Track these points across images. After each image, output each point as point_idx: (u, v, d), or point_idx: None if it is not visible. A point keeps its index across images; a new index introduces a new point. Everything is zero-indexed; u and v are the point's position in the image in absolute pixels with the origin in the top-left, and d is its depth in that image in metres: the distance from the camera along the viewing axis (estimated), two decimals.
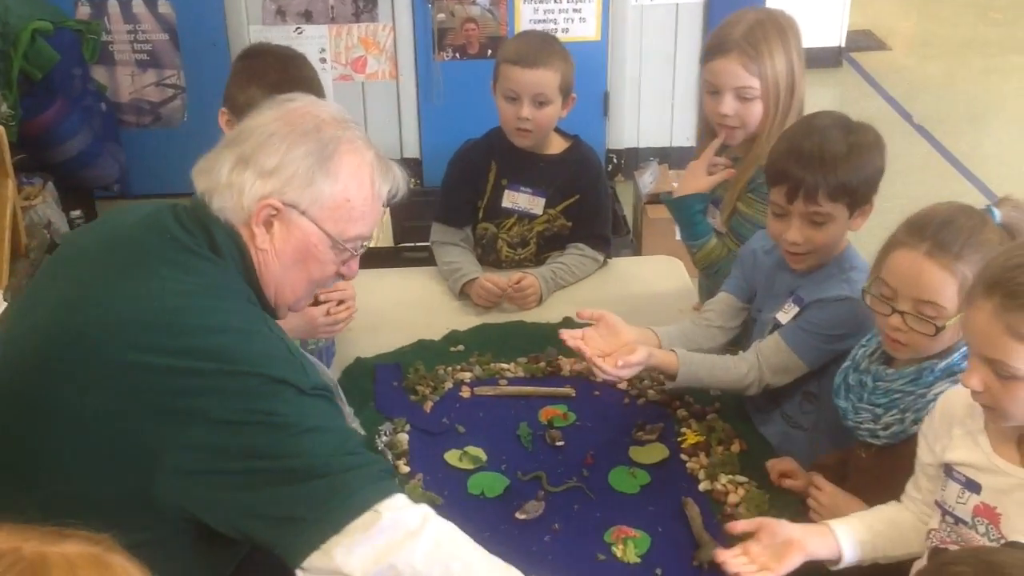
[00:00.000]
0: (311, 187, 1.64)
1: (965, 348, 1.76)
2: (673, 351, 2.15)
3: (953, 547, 1.61)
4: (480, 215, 2.85)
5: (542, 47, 2.70)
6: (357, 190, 1.68)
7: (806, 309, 2.14)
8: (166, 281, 1.56)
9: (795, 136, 2.14)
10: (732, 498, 1.99)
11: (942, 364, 1.81)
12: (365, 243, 1.77)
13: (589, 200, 2.83)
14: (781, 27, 2.42)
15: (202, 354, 1.49)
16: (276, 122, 1.65)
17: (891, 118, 6.24)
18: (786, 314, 2.18)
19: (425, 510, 1.56)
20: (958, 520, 1.61)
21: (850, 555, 1.73)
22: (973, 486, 1.60)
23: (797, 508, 1.95)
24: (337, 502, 1.47)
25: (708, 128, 2.58)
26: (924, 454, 1.73)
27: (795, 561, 1.70)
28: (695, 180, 2.55)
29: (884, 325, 1.82)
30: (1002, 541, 1.54)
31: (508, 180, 2.81)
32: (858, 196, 2.06)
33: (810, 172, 2.04)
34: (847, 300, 2.07)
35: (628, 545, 1.87)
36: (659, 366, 2.13)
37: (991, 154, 5.92)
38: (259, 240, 1.64)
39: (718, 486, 2.02)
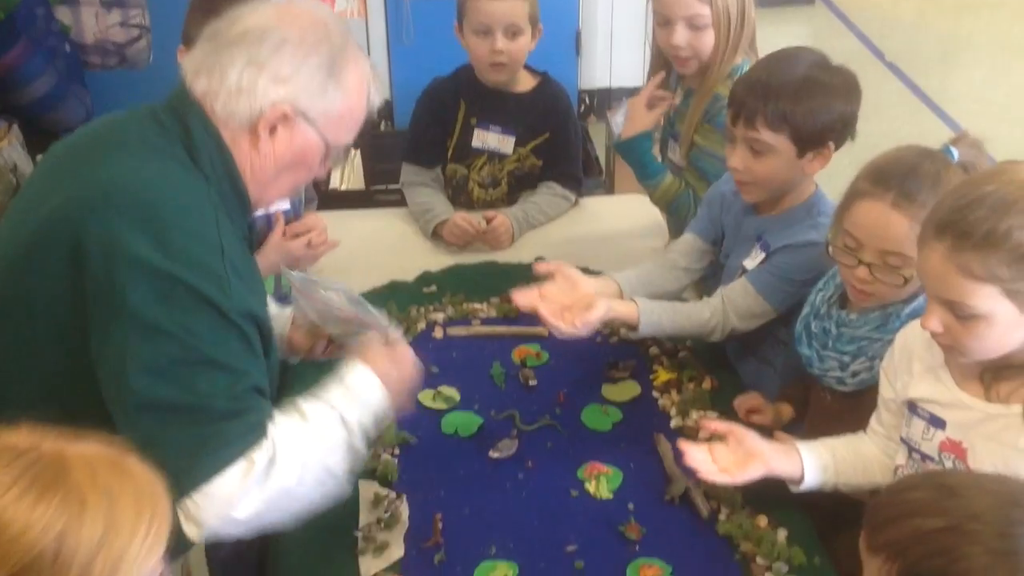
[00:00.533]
0: (323, 97, 1.64)
1: (919, 296, 1.79)
2: (633, 301, 2.11)
3: None
4: (449, 155, 2.84)
5: None
6: (358, 101, 1.71)
7: (774, 254, 2.13)
8: (130, 169, 1.56)
9: (758, 64, 2.15)
10: (703, 434, 2.00)
11: (907, 309, 1.81)
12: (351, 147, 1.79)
13: (559, 138, 2.82)
14: None
15: (147, 238, 1.48)
16: (287, 27, 1.62)
17: (863, 56, 6.24)
18: (752, 260, 2.17)
19: (272, 435, 1.53)
20: (925, 457, 1.62)
21: (812, 478, 1.75)
22: (937, 422, 1.60)
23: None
24: (211, 452, 1.47)
25: (658, 62, 2.58)
26: (885, 390, 1.74)
27: (755, 472, 1.72)
28: (638, 119, 2.55)
29: (851, 277, 1.81)
30: None
31: (477, 119, 2.79)
32: (806, 134, 2.02)
33: (752, 97, 2.04)
34: (815, 245, 2.04)
35: (600, 481, 1.89)
36: (619, 318, 2.08)
37: (962, 91, 5.94)
38: (262, 143, 1.63)
39: (689, 422, 2.04)
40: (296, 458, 1.53)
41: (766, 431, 1.90)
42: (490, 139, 2.79)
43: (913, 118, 5.54)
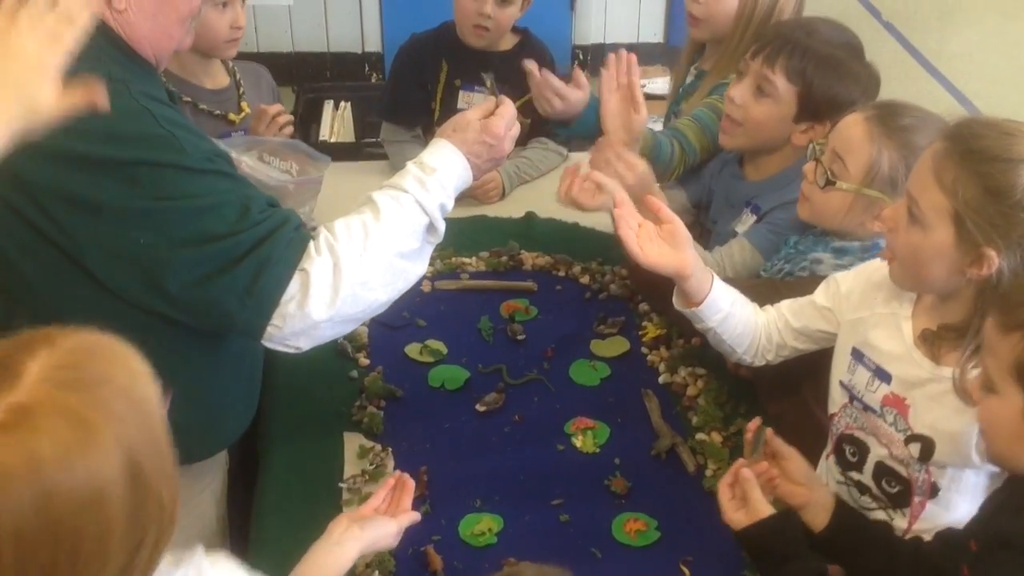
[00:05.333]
0: None
1: (867, 243, 1.83)
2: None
3: (859, 432, 1.63)
4: (436, 119, 2.80)
5: None
6: None
7: (769, 213, 2.12)
8: None
9: (803, 17, 2.18)
10: (691, 390, 2.01)
11: (836, 243, 1.88)
12: None
13: None
14: None
15: (76, 138, 1.45)
16: None
17: (859, 14, 6.18)
18: (743, 224, 2.17)
19: (323, 238, 1.60)
20: (867, 408, 1.61)
21: (709, 307, 1.75)
22: (883, 375, 1.59)
23: (753, 399, 1.97)
24: (264, 282, 1.54)
25: (689, 49, 2.55)
26: (820, 296, 1.75)
27: (666, 262, 1.70)
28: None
29: (804, 176, 1.87)
30: (909, 432, 1.54)
31: (461, 80, 2.75)
32: (813, 99, 2.03)
33: (784, 40, 2.04)
34: None
35: (587, 436, 1.89)
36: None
37: (959, 52, 5.89)
38: (116, 3, 1.56)
39: (677, 379, 2.04)
40: (362, 256, 1.59)
41: None
42: (476, 100, 2.74)
43: (909, 78, 5.50)
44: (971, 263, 1.42)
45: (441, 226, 1.73)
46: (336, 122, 4.21)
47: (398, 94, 2.84)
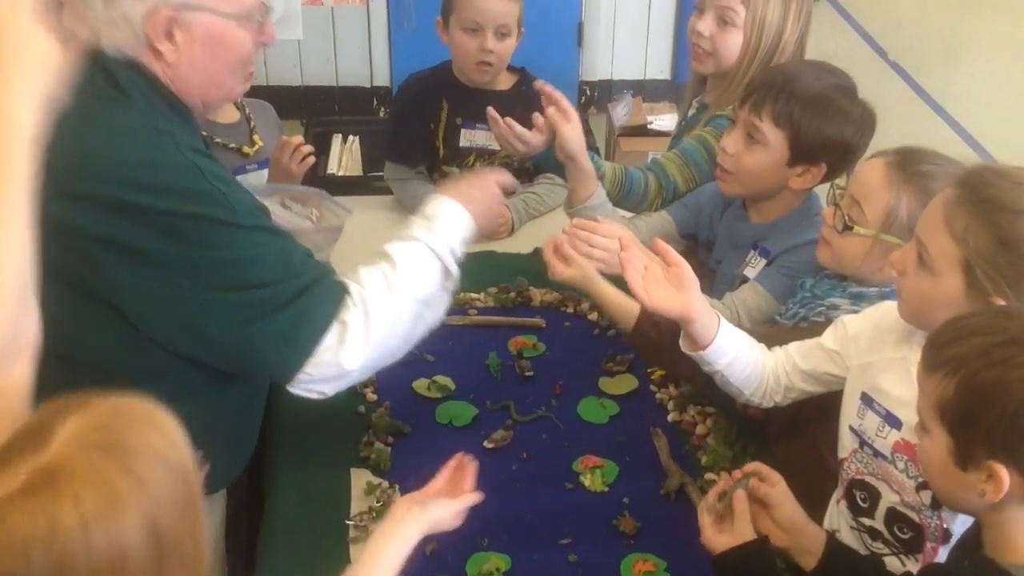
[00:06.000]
0: None
1: (886, 289, 1.80)
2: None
3: (870, 478, 1.62)
4: (440, 157, 2.81)
5: None
6: None
7: (779, 256, 2.11)
8: (64, 131, 1.48)
9: (790, 61, 2.18)
10: (700, 429, 1.99)
11: (854, 289, 1.86)
12: (267, 2, 1.71)
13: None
14: None
15: (125, 188, 1.49)
16: None
17: (865, 54, 6.22)
18: (753, 268, 2.15)
19: (358, 293, 1.65)
20: (877, 454, 1.60)
21: (715, 351, 1.73)
22: (894, 421, 1.58)
23: (763, 439, 1.96)
24: (304, 331, 1.59)
25: (694, 83, 2.55)
26: (828, 339, 1.74)
27: (672, 306, 1.67)
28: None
29: (824, 221, 1.87)
30: (920, 479, 1.53)
31: (463, 119, 2.76)
32: (804, 144, 2.01)
33: (769, 86, 2.03)
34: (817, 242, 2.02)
35: (596, 474, 1.87)
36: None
37: (964, 91, 5.92)
38: (167, 56, 1.58)
39: (686, 417, 2.02)
40: (389, 306, 1.65)
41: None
42: (478, 137, 2.76)
43: (915, 117, 5.53)
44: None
45: (455, 270, 1.78)
46: (344, 156, 4.23)
47: (400, 134, 2.85)
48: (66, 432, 0.95)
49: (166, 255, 1.52)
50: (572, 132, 2.20)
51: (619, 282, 1.94)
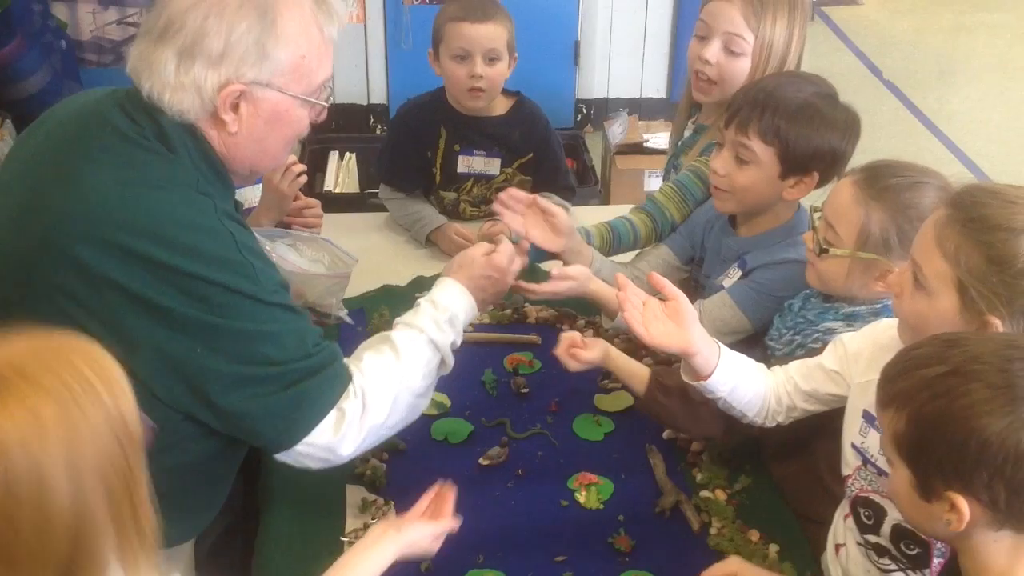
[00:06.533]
0: (266, 59, 1.59)
1: (876, 306, 1.82)
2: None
3: (874, 495, 1.62)
4: (438, 182, 2.82)
5: (487, 2, 2.66)
6: (308, 44, 1.64)
7: (753, 271, 2.12)
8: (108, 173, 1.55)
9: (769, 76, 2.16)
10: (695, 446, 1.99)
11: (847, 309, 1.87)
12: (330, 85, 1.75)
13: (546, 158, 2.81)
14: (794, 1, 2.30)
15: (158, 245, 1.50)
16: (203, 1, 1.57)
17: (860, 73, 6.24)
18: (730, 279, 2.16)
19: (360, 383, 1.67)
20: (881, 472, 1.60)
21: (717, 381, 1.72)
22: None
23: (757, 458, 1.96)
24: (303, 413, 1.61)
25: (685, 106, 2.54)
26: (828, 359, 1.74)
27: (674, 342, 1.68)
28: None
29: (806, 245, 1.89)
30: None
31: (460, 146, 2.77)
32: (794, 156, 2.01)
33: (751, 104, 2.03)
34: (794, 263, 2.04)
35: (591, 491, 1.87)
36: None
37: (958, 111, 5.94)
38: (230, 126, 1.61)
39: (681, 434, 2.02)
40: (387, 398, 1.67)
41: None
42: (475, 163, 2.78)
43: (909, 136, 5.55)
44: (976, 330, 1.42)
45: (451, 361, 1.81)
46: (341, 173, 4.24)
47: (397, 160, 2.85)
48: (7, 352, 0.96)
49: (186, 317, 1.52)
50: (569, 242, 2.16)
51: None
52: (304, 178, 2.43)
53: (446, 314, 1.78)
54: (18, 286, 1.54)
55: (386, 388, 1.68)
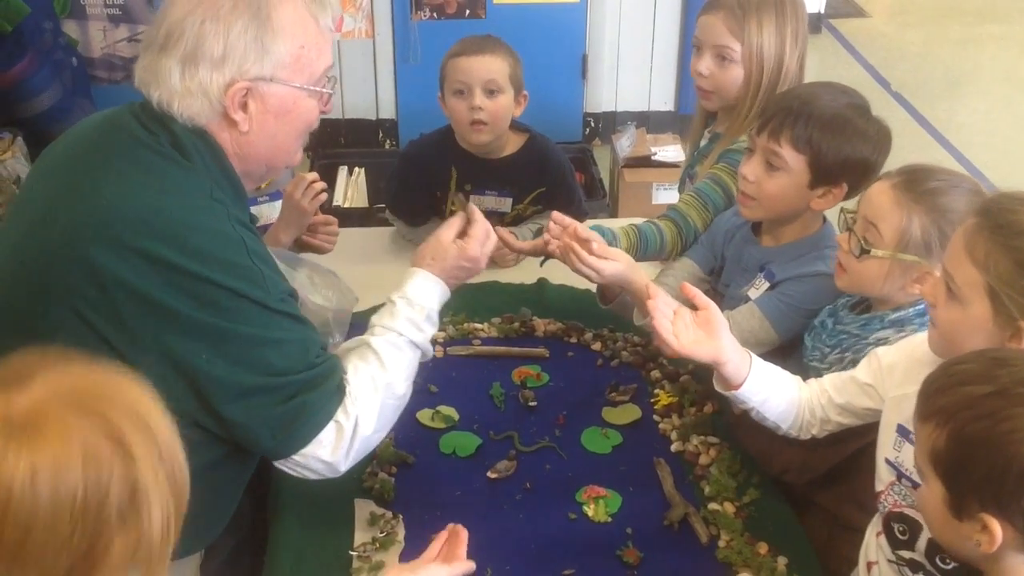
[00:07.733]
0: (267, 54, 1.63)
1: (920, 307, 1.81)
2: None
3: (909, 511, 1.61)
4: (447, 217, 2.80)
5: (486, 39, 2.65)
6: (304, 34, 1.68)
7: (782, 283, 2.11)
8: (123, 177, 1.58)
9: (803, 84, 2.19)
10: (703, 459, 1.99)
11: (893, 315, 1.85)
12: (332, 74, 1.77)
13: (560, 192, 2.74)
14: (782, 2, 2.34)
15: (170, 247, 1.52)
16: (200, 8, 1.61)
17: (869, 85, 6.24)
18: (757, 290, 2.15)
19: (353, 397, 1.69)
20: (915, 485, 1.57)
21: (748, 390, 1.74)
22: None
23: (768, 470, 1.95)
24: (301, 425, 1.64)
25: (701, 115, 2.57)
26: (862, 372, 1.74)
27: (705, 352, 1.72)
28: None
29: (839, 247, 1.88)
30: None
31: (472, 186, 2.72)
32: (825, 165, 2.02)
33: (785, 111, 2.04)
34: (823, 276, 2.03)
35: (599, 504, 1.87)
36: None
37: (967, 122, 5.94)
38: (241, 124, 1.64)
39: (690, 447, 2.02)
40: (375, 408, 1.70)
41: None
42: (487, 202, 2.73)
43: (918, 148, 5.53)
44: (1010, 337, 1.42)
45: (431, 353, 1.85)
46: (350, 188, 4.26)
47: (405, 196, 2.83)
48: (45, 382, 0.99)
49: (194, 320, 1.54)
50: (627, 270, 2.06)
51: None
52: (324, 196, 2.43)
53: (423, 313, 1.80)
54: (37, 294, 1.56)
55: (373, 399, 1.70)
